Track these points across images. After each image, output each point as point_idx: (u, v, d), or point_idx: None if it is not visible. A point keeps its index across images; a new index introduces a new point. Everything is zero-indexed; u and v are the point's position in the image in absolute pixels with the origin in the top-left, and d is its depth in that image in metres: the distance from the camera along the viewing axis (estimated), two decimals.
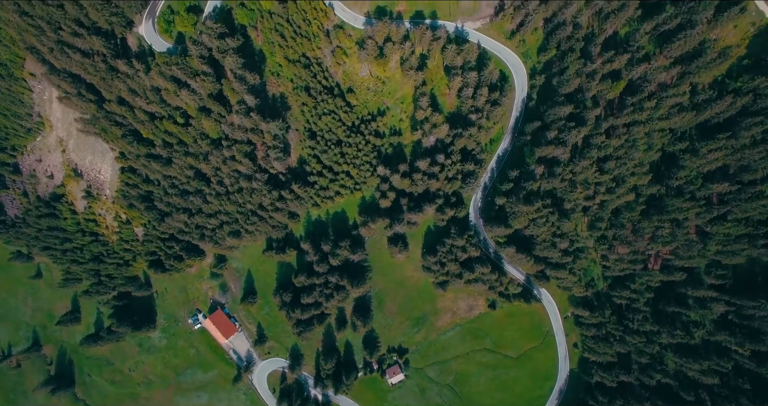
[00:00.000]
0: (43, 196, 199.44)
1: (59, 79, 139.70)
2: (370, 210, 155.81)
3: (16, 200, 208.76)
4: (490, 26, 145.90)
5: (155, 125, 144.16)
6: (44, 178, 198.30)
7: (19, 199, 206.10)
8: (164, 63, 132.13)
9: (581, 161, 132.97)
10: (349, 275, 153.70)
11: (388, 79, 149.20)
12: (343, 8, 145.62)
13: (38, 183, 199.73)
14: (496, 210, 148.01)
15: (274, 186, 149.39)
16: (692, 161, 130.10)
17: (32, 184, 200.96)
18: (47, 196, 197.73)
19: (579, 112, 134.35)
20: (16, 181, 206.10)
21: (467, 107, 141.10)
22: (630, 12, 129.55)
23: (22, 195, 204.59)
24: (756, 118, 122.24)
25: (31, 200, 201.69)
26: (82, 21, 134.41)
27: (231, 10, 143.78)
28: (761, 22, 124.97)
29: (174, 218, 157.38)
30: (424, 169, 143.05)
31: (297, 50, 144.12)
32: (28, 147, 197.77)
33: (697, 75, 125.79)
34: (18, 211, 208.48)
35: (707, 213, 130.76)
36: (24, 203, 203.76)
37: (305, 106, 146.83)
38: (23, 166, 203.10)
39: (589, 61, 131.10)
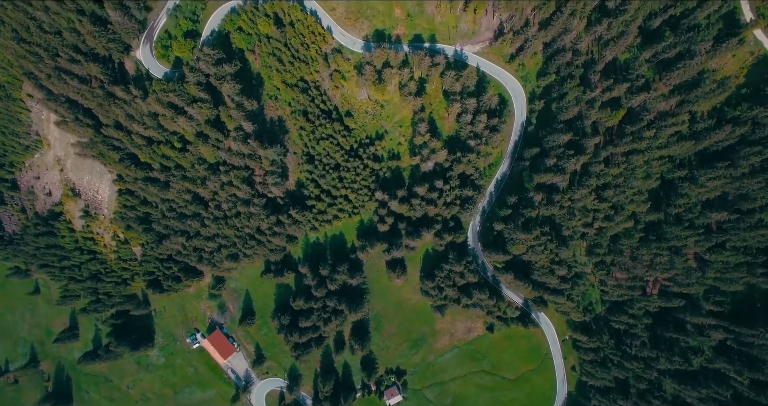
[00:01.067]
0: (41, 213, 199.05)
1: (56, 105, 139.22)
2: (368, 233, 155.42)
3: (14, 216, 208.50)
4: (489, 50, 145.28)
5: (152, 150, 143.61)
6: (42, 195, 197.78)
7: (17, 215, 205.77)
8: (161, 90, 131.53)
9: (580, 189, 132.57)
10: (347, 299, 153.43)
11: (386, 102, 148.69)
12: (341, 32, 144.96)
13: (36, 200, 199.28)
14: (494, 235, 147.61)
15: (272, 210, 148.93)
16: (691, 189, 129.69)
17: (30, 201, 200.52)
18: (45, 213, 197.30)
19: (578, 139, 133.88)
20: (14, 198, 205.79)
21: (466, 132, 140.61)
22: (630, 40, 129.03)
23: (20, 211, 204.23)
24: (755, 147, 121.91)
25: (29, 217, 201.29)
26: (80, 47, 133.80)
27: (228, 33, 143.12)
28: (759, 51, 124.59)
29: (172, 241, 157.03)
30: (422, 194, 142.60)
31: (295, 74, 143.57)
32: (26, 163, 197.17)
33: (696, 104, 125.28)
34: (16, 227, 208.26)
35: (706, 241, 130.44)
36: (22, 220, 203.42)
37: (303, 130, 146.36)
38: (21, 182, 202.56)
39: (589, 89, 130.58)
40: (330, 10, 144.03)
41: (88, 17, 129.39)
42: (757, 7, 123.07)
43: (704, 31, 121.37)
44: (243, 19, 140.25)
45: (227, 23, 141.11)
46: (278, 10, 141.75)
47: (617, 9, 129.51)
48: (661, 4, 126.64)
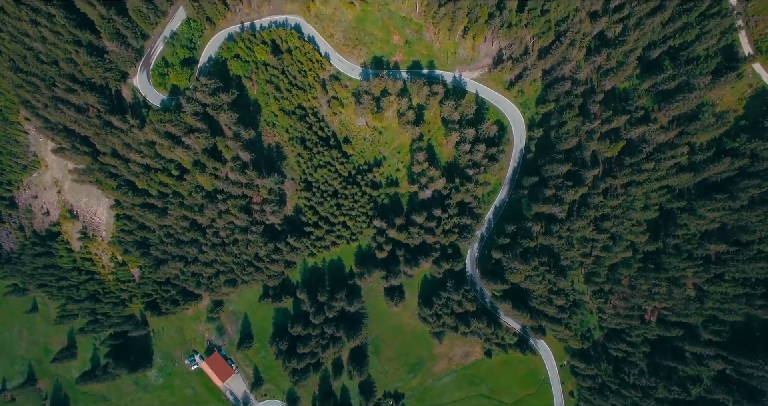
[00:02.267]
0: (39, 231, 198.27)
1: (53, 134, 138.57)
2: (366, 259, 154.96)
3: (11, 235, 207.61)
4: (488, 76, 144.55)
5: (150, 177, 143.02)
6: (40, 215, 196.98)
7: (15, 233, 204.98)
8: (158, 120, 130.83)
9: (578, 221, 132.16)
10: (345, 325, 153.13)
11: (384, 128, 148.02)
12: (339, 59, 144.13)
13: (34, 218, 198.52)
14: (492, 263, 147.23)
15: (270, 237, 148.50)
16: (690, 220, 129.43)
17: (28, 219, 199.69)
18: (43, 231, 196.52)
19: (577, 169, 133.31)
20: (11, 216, 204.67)
21: (464, 161, 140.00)
22: (629, 71, 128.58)
23: (17, 229, 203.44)
24: (754, 180, 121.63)
25: (27, 235, 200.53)
26: (76, 76, 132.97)
27: (226, 61, 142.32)
28: (758, 84, 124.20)
29: (170, 266, 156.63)
30: (420, 223, 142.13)
31: (292, 101, 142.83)
32: (23, 182, 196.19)
33: (695, 136, 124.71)
34: (14, 245, 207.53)
35: (704, 273, 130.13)
36: (20, 238, 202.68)
37: (301, 157, 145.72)
38: (19, 200, 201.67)
39: (588, 120, 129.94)
40: (328, 36, 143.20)
41: (85, 48, 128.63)
42: (755, 39, 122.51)
43: (703, 64, 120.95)
44: (240, 46, 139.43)
45: (224, 51, 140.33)
46: (276, 37, 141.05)
47: (616, 39, 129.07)
48: (660, 35, 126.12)
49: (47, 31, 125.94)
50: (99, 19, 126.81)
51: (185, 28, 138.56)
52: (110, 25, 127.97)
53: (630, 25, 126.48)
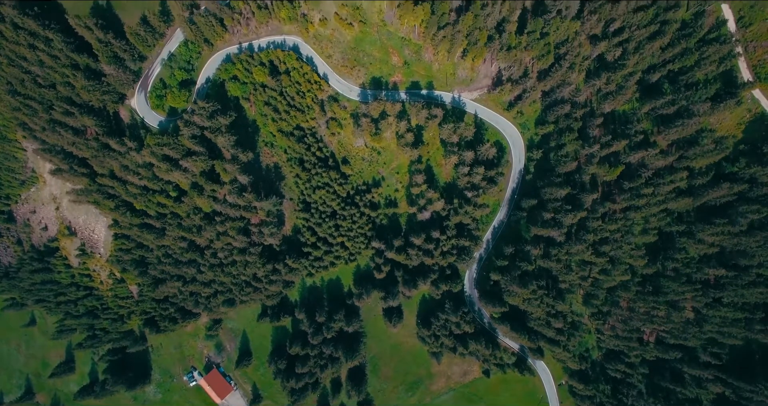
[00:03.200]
0: (37, 246, 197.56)
1: (51, 156, 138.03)
2: (365, 279, 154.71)
3: (9, 249, 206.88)
4: (487, 97, 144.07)
5: (148, 198, 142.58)
6: (38, 229, 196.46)
7: (13, 247, 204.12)
8: (156, 144, 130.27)
9: (577, 245, 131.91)
10: (343, 345, 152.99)
11: (383, 149, 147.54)
12: (338, 79, 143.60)
13: (32, 232, 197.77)
14: (491, 284, 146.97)
15: (268, 258, 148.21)
16: (689, 244, 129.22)
17: (26, 234, 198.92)
18: (41, 246, 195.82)
19: (576, 193, 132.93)
20: (9, 230, 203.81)
21: (463, 183, 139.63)
22: (628, 95, 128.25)
23: (15, 243, 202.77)
24: (752, 205, 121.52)
25: (25, 249, 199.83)
26: (74, 99, 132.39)
27: (224, 82, 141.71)
28: (757, 109, 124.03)
29: (168, 285, 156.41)
30: (418, 244, 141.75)
31: (290, 123, 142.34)
32: (22, 196, 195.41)
33: (694, 160, 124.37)
34: (12, 259, 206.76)
35: (703, 297, 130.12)
36: (18, 252, 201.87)
37: (299, 178, 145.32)
38: (17, 214, 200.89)
39: (587, 144, 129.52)
40: (326, 57, 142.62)
41: (83, 72, 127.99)
42: (754, 65, 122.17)
43: (702, 90, 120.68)
44: (238, 67, 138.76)
45: (222, 72, 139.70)
46: (274, 58, 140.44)
47: (616, 62, 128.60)
48: (659, 59, 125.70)
49: (45, 55, 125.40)
50: (96, 43, 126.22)
51: (183, 49, 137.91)
52: (108, 48, 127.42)
53: (630, 49, 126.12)
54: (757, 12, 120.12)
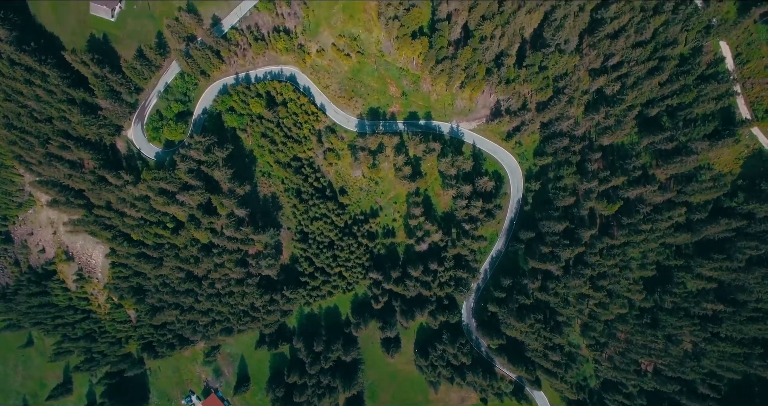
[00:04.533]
0: (34, 267, 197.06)
1: (47, 189, 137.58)
2: (362, 307, 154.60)
3: (7, 269, 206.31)
4: (486, 127, 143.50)
5: (145, 230, 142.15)
6: (35, 251, 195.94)
7: (10, 268, 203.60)
8: (152, 178, 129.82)
9: (574, 279, 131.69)
10: (341, 374, 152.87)
11: (381, 179, 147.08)
12: (335, 110, 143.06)
13: (29, 254, 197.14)
14: (488, 315, 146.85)
15: (266, 289, 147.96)
16: (687, 279, 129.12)
17: (24, 255, 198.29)
18: (39, 267, 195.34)
19: (574, 227, 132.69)
20: (7, 250, 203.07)
21: (461, 215, 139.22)
22: (627, 129, 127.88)
23: (13, 264, 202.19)
24: (751, 242, 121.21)
25: (23, 270, 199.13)
26: (70, 133, 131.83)
27: (220, 113, 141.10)
28: (755, 145, 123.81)
29: (165, 313, 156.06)
30: (416, 276, 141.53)
31: (287, 154, 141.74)
32: (19, 217, 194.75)
33: (692, 196, 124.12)
34: (9, 279, 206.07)
35: (701, 331, 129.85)
36: (15, 273, 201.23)
37: (296, 208, 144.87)
38: (15, 235, 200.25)
39: (585, 179, 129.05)
40: (324, 87, 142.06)
41: (79, 106, 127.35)
42: (752, 101, 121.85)
43: (701, 126, 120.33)
44: (234, 99, 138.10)
45: (218, 104, 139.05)
46: (270, 89, 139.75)
47: (615, 97, 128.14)
48: (658, 94, 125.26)
49: (41, 90, 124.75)
50: (93, 78, 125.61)
51: (179, 81, 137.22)
52: (104, 83, 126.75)
53: (628, 84, 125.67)
54: (754, 49, 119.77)
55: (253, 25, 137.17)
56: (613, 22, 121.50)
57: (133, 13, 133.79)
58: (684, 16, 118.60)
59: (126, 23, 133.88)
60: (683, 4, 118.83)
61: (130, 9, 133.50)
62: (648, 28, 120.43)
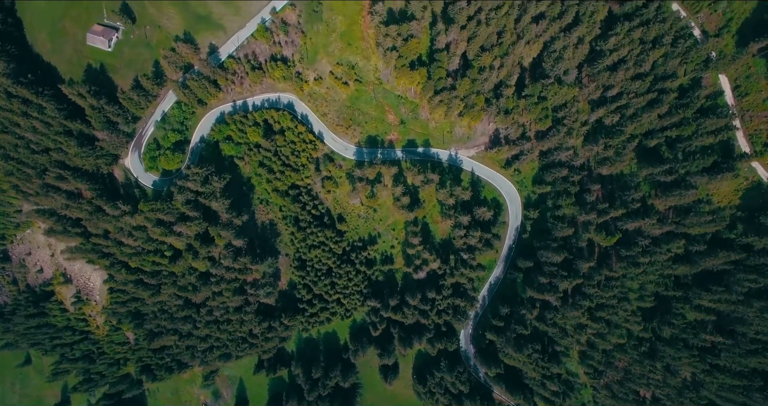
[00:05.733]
0: (32, 286, 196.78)
1: (44, 218, 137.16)
2: (361, 332, 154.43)
3: (5, 288, 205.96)
4: (484, 155, 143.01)
5: (142, 258, 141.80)
6: (34, 271, 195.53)
7: (8, 287, 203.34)
8: (149, 210, 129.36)
9: (573, 310, 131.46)
10: (340, 400, 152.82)
11: (379, 206, 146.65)
12: (333, 137, 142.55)
13: (28, 273, 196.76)
14: (487, 343, 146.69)
15: (264, 315, 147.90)
16: (686, 310, 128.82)
17: (22, 274, 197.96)
18: (37, 287, 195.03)
19: (572, 258, 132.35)
20: (5, 269, 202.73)
21: (460, 244, 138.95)
22: (626, 161, 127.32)
23: (11, 283, 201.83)
24: (750, 275, 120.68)
25: (21, 289, 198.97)
26: (67, 163, 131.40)
27: (218, 142, 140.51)
28: (753, 177, 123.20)
29: (163, 338, 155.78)
30: (414, 304, 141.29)
31: (285, 182, 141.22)
32: (17, 237, 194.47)
33: (691, 229, 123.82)
34: (7, 298, 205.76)
35: (700, 363, 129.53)
36: (13, 292, 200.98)
37: (294, 236, 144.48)
38: (13, 254, 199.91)
39: (584, 211, 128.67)
40: (321, 115, 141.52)
41: (76, 138, 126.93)
42: (750, 134, 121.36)
43: (700, 160, 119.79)
44: (232, 128, 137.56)
45: (216, 133, 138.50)
46: (268, 117, 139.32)
47: (614, 127, 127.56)
48: (658, 125, 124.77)
49: (38, 122, 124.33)
50: (89, 110, 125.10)
51: (176, 111, 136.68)
52: (100, 114, 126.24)
53: (627, 115, 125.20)
54: (752, 83, 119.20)
55: (251, 53, 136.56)
56: (612, 55, 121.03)
57: (130, 43, 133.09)
58: (683, 50, 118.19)
59: (123, 53, 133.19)
60: (682, 37, 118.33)
61: (127, 38, 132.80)
62: (647, 61, 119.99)
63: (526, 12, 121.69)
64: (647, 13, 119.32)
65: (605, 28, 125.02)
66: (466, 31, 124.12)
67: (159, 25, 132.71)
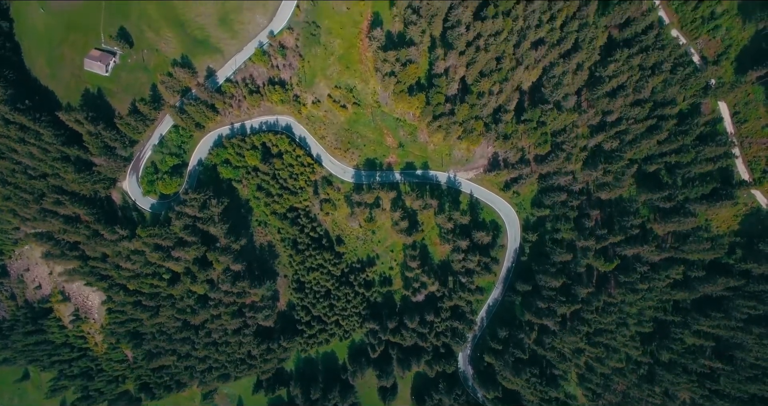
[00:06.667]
0: (31, 301, 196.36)
1: (42, 242, 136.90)
2: (359, 354, 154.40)
3: (3, 303, 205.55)
4: (483, 177, 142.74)
5: (141, 280, 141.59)
6: (32, 286, 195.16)
7: (6, 302, 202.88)
8: (147, 235, 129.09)
9: (571, 335, 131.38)
10: None
11: (377, 228, 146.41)
12: (331, 160, 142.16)
13: (26, 288, 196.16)
14: (485, 365, 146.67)
15: (263, 338, 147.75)
16: (685, 335, 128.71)
17: (20, 289, 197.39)
18: (35, 302, 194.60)
19: (571, 283, 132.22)
20: (3, 284, 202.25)
21: (458, 267, 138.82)
22: (625, 186, 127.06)
23: (9, 298, 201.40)
24: (749, 301, 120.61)
25: (19, 304, 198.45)
26: (65, 188, 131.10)
27: (216, 165, 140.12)
28: (752, 203, 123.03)
29: (162, 358, 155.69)
30: (413, 327, 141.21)
31: (283, 205, 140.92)
32: (15, 252, 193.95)
33: (690, 255, 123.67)
34: (5, 313, 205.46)
35: (699, 388, 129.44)
36: (11, 307, 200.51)
37: (293, 259, 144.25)
38: (11, 269, 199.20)
39: (583, 237, 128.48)
40: (320, 138, 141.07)
41: (73, 164, 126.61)
42: (749, 160, 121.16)
43: (699, 187, 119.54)
44: (230, 152, 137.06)
45: (214, 156, 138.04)
46: (266, 141, 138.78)
47: (613, 152, 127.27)
48: (657, 151, 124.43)
49: (35, 148, 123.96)
50: (87, 136, 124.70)
51: (173, 135, 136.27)
52: (98, 140, 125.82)
53: (627, 140, 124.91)
54: (751, 110, 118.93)
55: (248, 76, 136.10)
56: (611, 81, 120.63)
57: (128, 67, 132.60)
58: (682, 76, 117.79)
59: (120, 77, 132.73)
60: (681, 65, 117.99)
61: (124, 62, 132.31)
62: (646, 87, 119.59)
63: (525, 38, 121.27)
64: (646, 39, 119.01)
65: (605, 53, 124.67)
66: (464, 56, 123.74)
67: (157, 49, 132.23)
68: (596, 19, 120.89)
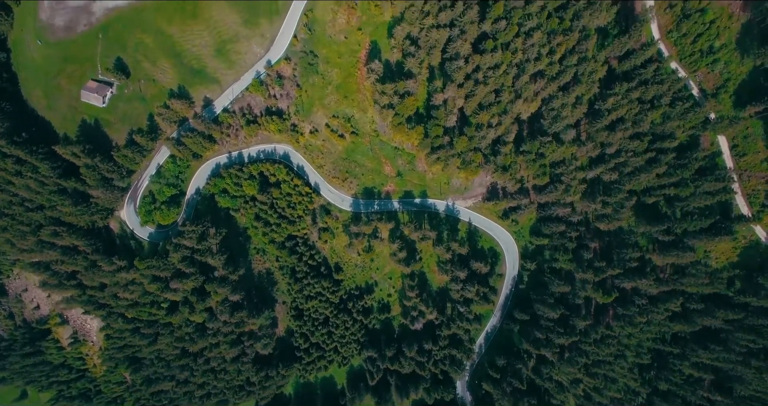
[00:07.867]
0: (29, 321, 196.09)
1: (39, 273, 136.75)
2: (358, 379, 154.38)
3: (1, 322, 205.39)
4: (482, 205, 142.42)
5: (139, 309, 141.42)
6: (30, 307, 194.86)
7: (5, 321, 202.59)
8: (145, 267, 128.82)
9: (569, 366, 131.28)
10: None
11: (376, 256, 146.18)
12: (329, 189, 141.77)
13: (24, 308, 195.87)
14: (483, 393, 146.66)
15: (261, 364, 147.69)
16: (684, 366, 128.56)
17: (18, 308, 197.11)
18: (33, 322, 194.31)
19: (569, 314, 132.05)
20: (1, 303, 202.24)
21: (456, 296, 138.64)
22: (624, 219, 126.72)
23: (7, 318, 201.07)
24: (748, 335, 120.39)
25: (17, 324, 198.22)
26: (62, 219, 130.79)
27: (213, 195, 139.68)
28: (751, 236, 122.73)
29: (161, 384, 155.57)
30: (411, 356, 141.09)
31: (281, 234, 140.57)
32: (14, 271, 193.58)
33: (688, 287, 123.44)
34: (3, 332, 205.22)
35: None
36: (9, 326, 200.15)
37: (291, 287, 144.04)
38: (9, 288, 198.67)
39: (581, 269, 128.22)
40: (318, 166, 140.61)
41: (70, 196, 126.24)
42: (748, 194, 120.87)
43: (698, 221, 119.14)
44: (227, 181, 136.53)
45: (211, 186, 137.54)
46: (264, 170, 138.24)
47: (612, 185, 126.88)
48: (656, 183, 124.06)
49: (32, 181, 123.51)
50: (84, 169, 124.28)
51: (171, 165, 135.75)
52: (95, 172, 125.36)
53: (626, 172, 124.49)
54: (750, 143, 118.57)
55: (246, 106, 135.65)
56: (611, 114, 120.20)
57: (125, 98, 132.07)
58: (681, 110, 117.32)
59: (117, 107, 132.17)
60: (680, 99, 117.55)
61: (121, 93, 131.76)
62: (645, 121, 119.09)
63: (524, 71, 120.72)
64: (646, 73, 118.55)
65: (604, 85, 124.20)
66: (463, 89, 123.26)
67: (154, 79, 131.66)
68: (596, 52, 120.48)
